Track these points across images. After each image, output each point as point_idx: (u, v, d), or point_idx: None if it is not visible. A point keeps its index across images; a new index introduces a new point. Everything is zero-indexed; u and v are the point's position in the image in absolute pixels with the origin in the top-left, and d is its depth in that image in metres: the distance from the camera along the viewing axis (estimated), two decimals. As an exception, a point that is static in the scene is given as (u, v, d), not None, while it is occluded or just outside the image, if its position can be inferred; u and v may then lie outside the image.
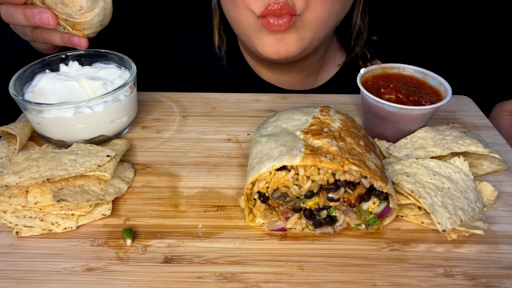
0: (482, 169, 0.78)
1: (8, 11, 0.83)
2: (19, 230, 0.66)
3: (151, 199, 0.73)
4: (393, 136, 0.83)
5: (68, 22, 0.83)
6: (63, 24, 0.83)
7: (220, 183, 0.77)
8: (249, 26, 0.97)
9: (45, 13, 0.81)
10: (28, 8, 0.82)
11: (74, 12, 0.82)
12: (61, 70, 0.89)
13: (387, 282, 0.60)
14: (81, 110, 0.78)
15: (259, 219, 0.68)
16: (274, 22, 0.91)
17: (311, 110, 0.75)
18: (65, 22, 0.83)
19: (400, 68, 0.90)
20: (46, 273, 0.60)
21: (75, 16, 0.83)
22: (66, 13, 0.82)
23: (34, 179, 0.67)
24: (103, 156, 0.74)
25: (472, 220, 0.66)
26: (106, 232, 0.67)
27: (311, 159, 0.60)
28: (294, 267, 0.62)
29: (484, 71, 1.36)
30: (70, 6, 0.82)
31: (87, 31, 0.85)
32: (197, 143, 0.87)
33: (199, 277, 0.60)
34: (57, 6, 0.82)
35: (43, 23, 0.82)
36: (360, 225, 0.67)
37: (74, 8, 0.82)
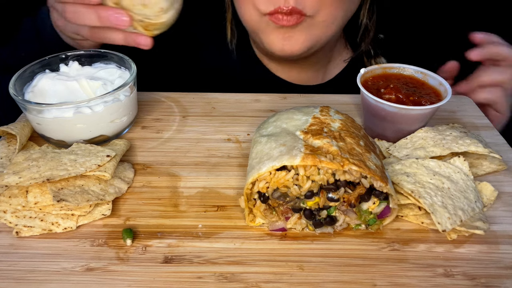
0: (482, 169, 0.78)
1: (77, 11, 0.82)
2: (19, 230, 0.66)
3: (151, 199, 0.73)
4: (393, 136, 0.83)
5: (142, 23, 0.83)
6: (135, 25, 0.83)
7: (220, 183, 0.77)
8: (255, 22, 1.00)
9: (122, 14, 0.81)
10: (102, 9, 0.81)
11: (153, 14, 0.82)
12: (61, 70, 0.89)
13: (387, 282, 0.60)
14: (81, 110, 0.78)
15: (259, 219, 0.68)
16: (283, 18, 0.94)
17: (311, 110, 0.75)
18: (139, 23, 0.83)
19: (400, 68, 0.90)
20: (46, 273, 0.60)
21: (152, 17, 0.82)
22: (143, 15, 0.82)
23: (34, 179, 0.67)
24: (103, 156, 0.74)
25: (472, 220, 0.66)
26: (106, 232, 0.67)
27: (311, 159, 0.60)
28: (294, 267, 0.62)
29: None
30: (150, 8, 0.81)
31: (156, 31, 0.85)
32: (197, 143, 0.87)
33: (199, 277, 0.60)
34: (135, 7, 0.81)
35: (118, 24, 0.81)
36: (360, 225, 0.67)
37: (154, 10, 0.81)
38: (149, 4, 0.81)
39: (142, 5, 0.80)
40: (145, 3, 0.80)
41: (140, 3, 0.80)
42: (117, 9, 0.81)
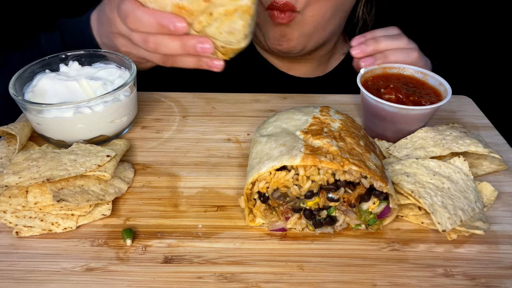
0: (482, 169, 0.78)
1: (161, 42, 0.81)
2: (19, 230, 0.66)
3: (151, 199, 0.73)
4: (393, 136, 0.83)
5: (223, 48, 0.83)
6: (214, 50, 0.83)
7: (220, 183, 0.77)
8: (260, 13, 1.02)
9: (206, 42, 0.80)
10: (187, 38, 0.80)
11: (236, 40, 0.82)
12: (61, 70, 0.89)
13: (387, 282, 0.60)
14: (81, 110, 0.78)
15: (259, 219, 0.68)
16: (277, 15, 1.01)
17: (311, 110, 0.75)
18: (219, 49, 0.83)
19: (400, 68, 0.90)
20: (46, 273, 0.60)
21: (234, 43, 0.82)
22: (226, 41, 0.82)
23: (34, 179, 0.67)
24: (103, 156, 0.74)
25: (472, 220, 0.66)
26: (106, 232, 0.67)
27: (311, 159, 0.60)
28: (294, 267, 0.62)
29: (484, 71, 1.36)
30: (235, 35, 0.81)
31: (232, 55, 0.86)
32: (197, 143, 0.87)
33: (199, 277, 0.60)
34: (221, 35, 0.80)
35: (203, 52, 0.81)
36: (360, 225, 0.67)
37: (238, 37, 0.81)
38: (235, 32, 0.80)
39: (228, 33, 0.80)
40: (231, 31, 0.80)
41: (226, 31, 0.80)
42: (201, 37, 0.81)
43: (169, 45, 0.81)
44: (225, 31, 0.80)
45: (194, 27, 0.81)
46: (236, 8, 0.77)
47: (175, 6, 0.77)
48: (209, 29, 0.80)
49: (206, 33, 0.81)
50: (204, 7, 0.77)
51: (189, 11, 0.77)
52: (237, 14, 0.78)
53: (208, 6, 0.76)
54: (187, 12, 0.78)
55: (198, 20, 0.79)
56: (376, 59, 0.91)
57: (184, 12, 0.78)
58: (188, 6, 0.77)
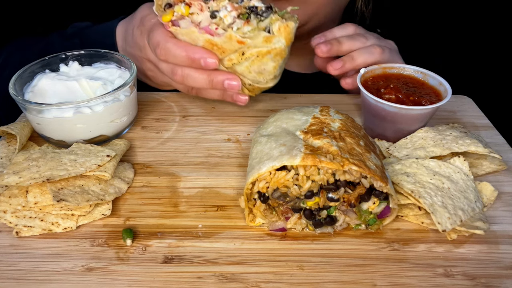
0: (482, 169, 0.78)
1: (189, 75, 0.82)
2: (19, 230, 0.66)
3: (151, 199, 0.73)
4: (393, 136, 0.83)
5: (250, 86, 0.84)
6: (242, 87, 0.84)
7: (220, 183, 0.77)
8: None
9: (235, 79, 0.81)
10: (216, 73, 0.81)
11: (264, 80, 0.83)
12: (61, 70, 0.89)
13: (387, 282, 0.60)
14: (81, 110, 0.78)
15: (259, 219, 0.68)
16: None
17: (311, 110, 0.75)
18: (246, 86, 0.85)
19: (400, 68, 0.90)
20: (46, 273, 0.60)
21: (261, 83, 0.84)
22: (255, 80, 0.83)
23: (34, 179, 0.67)
24: (103, 156, 0.74)
25: (472, 220, 0.66)
26: (106, 232, 0.67)
27: (311, 159, 0.60)
28: (294, 267, 0.62)
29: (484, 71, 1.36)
30: (265, 75, 0.82)
31: (258, 93, 0.87)
32: (197, 143, 0.87)
33: (199, 277, 0.60)
34: (251, 74, 0.82)
35: (230, 89, 0.82)
36: (360, 225, 0.67)
37: (267, 77, 0.83)
38: (265, 73, 0.82)
39: (257, 73, 0.82)
40: (261, 71, 0.81)
41: (256, 71, 0.81)
42: (229, 73, 0.82)
43: (196, 78, 0.82)
44: (255, 71, 0.81)
45: (223, 63, 0.81)
46: (270, 51, 0.78)
47: (207, 42, 0.78)
48: (238, 67, 0.81)
49: (235, 70, 0.82)
50: (237, 47, 0.77)
51: (221, 48, 0.78)
52: (270, 56, 0.79)
53: (241, 47, 0.76)
54: (218, 49, 0.78)
55: (228, 58, 0.79)
56: (345, 62, 0.92)
57: (215, 49, 0.78)
58: (221, 44, 0.77)
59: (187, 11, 0.79)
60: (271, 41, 0.76)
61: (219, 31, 0.76)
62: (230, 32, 0.75)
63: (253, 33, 0.76)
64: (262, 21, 0.77)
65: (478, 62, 1.34)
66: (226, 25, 0.77)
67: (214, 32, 0.77)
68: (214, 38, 0.77)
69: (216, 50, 0.79)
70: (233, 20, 0.76)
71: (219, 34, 0.76)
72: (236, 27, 0.76)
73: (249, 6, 0.78)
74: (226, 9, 0.77)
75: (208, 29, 0.77)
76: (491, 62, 1.37)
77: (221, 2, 0.78)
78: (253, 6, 0.78)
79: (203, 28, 0.77)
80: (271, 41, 0.76)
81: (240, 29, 0.76)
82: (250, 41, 0.75)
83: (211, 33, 0.77)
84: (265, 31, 0.77)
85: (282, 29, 0.76)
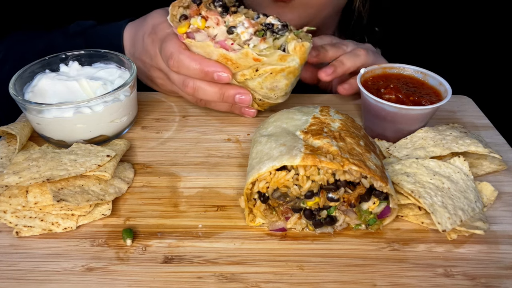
0: (482, 169, 0.78)
1: (200, 88, 0.82)
2: (19, 230, 0.66)
3: (151, 199, 0.73)
4: (393, 136, 0.83)
5: (260, 101, 0.85)
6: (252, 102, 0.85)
7: (220, 183, 0.77)
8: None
9: (246, 94, 0.82)
10: (227, 88, 0.82)
11: (275, 96, 0.84)
12: (61, 70, 0.89)
13: (387, 282, 0.60)
14: (81, 110, 0.78)
15: (259, 219, 0.68)
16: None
17: (311, 110, 0.75)
18: (257, 101, 0.85)
19: (400, 68, 0.90)
20: (46, 273, 0.60)
21: (272, 99, 0.85)
22: (266, 96, 0.84)
23: (34, 179, 0.67)
24: (103, 156, 0.74)
25: (472, 220, 0.66)
26: (106, 232, 0.67)
27: (311, 159, 0.60)
28: (294, 267, 0.62)
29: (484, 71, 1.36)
30: (276, 92, 0.83)
31: (267, 108, 0.88)
32: (197, 143, 0.87)
33: (199, 277, 0.60)
34: (262, 90, 0.83)
35: (241, 104, 0.84)
36: (360, 225, 0.67)
37: (279, 94, 0.84)
38: (276, 90, 0.83)
39: (269, 89, 0.83)
40: (273, 88, 0.82)
41: (268, 87, 0.82)
42: (240, 88, 0.82)
43: (207, 91, 0.82)
44: (267, 87, 0.82)
45: (236, 78, 0.82)
46: (283, 69, 0.79)
47: (221, 56, 0.78)
48: (251, 83, 0.82)
49: (247, 85, 0.82)
50: (252, 64, 0.78)
51: (236, 63, 0.78)
52: (283, 74, 0.80)
53: (256, 63, 0.77)
54: (233, 64, 0.79)
55: (242, 73, 0.80)
56: (336, 67, 0.93)
57: (229, 63, 0.79)
58: (236, 60, 0.78)
59: (203, 24, 0.79)
60: (286, 59, 0.78)
61: (235, 47, 0.77)
62: (247, 49, 0.76)
63: (269, 51, 0.77)
64: (277, 38, 0.79)
65: (478, 62, 1.34)
66: (242, 41, 0.78)
67: (229, 47, 0.78)
68: (229, 53, 0.77)
69: (230, 65, 0.79)
70: (250, 37, 0.77)
71: (235, 49, 0.77)
72: (253, 44, 0.77)
73: (265, 23, 0.80)
74: (243, 25, 0.78)
75: (224, 44, 0.78)
76: (491, 62, 1.37)
77: (237, 18, 0.79)
78: (269, 24, 0.79)
79: (219, 42, 0.78)
80: (286, 59, 0.78)
81: (257, 46, 0.77)
82: (266, 59, 0.77)
83: (226, 47, 0.78)
84: (280, 49, 0.78)
85: (297, 49, 0.77)
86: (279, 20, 0.81)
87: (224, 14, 0.80)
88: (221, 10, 0.80)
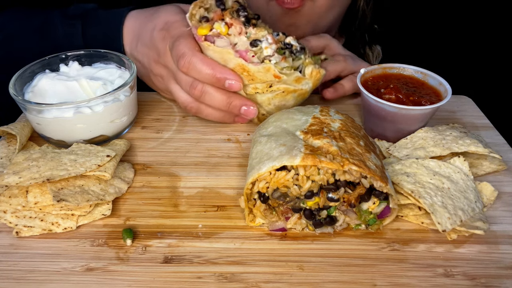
0: (482, 169, 0.78)
1: (208, 92, 0.81)
2: (19, 230, 0.66)
3: (151, 199, 0.73)
4: (393, 136, 0.83)
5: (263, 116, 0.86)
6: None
7: (220, 183, 0.77)
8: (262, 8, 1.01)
9: (253, 106, 0.82)
10: (235, 97, 0.82)
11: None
12: (61, 70, 0.89)
13: (387, 282, 0.60)
14: (81, 110, 0.78)
15: (259, 219, 0.68)
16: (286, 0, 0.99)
17: (311, 110, 0.75)
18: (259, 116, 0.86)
19: (400, 68, 0.90)
20: (46, 273, 0.60)
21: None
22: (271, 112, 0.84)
23: (34, 179, 0.67)
24: (103, 156, 0.74)
25: (472, 220, 0.66)
26: (106, 232, 0.67)
27: (311, 159, 0.60)
28: (294, 267, 0.62)
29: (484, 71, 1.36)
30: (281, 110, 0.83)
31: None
32: (197, 143, 0.87)
33: (199, 277, 0.60)
34: (270, 106, 0.84)
35: (245, 116, 0.84)
36: (360, 225, 0.67)
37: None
38: (283, 108, 0.83)
39: (276, 106, 0.84)
40: (280, 106, 0.84)
41: (276, 104, 0.84)
42: (248, 100, 0.83)
43: (215, 97, 0.81)
44: (275, 104, 0.84)
45: (246, 89, 0.82)
46: (296, 90, 0.81)
47: (239, 66, 0.78)
48: (260, 97, 0.83)
49: (256, 98, 0.83)
50: (269, 80, 0.78)
51: (252, 76, 0.79)
52: (294, 94, 0.82)
53: (273, 80, 0.78)
54: (249, 75, 0.79)
55: (254, 86, 0.81)
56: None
57: (245, 74, 0.79)
58: (254, 72, 0.78)
59: (226, 31, 0.80)
60: (300, 82, 0.80)
61: (254, 60, 0.78)
62: (269, 64, 0.77)
63: (289, 71, 0.79)
64: (295, 60, 0.81)
65: (478, 62, 1.34)
66: (263, 56, 0.78)
67: (249, 59, 0.78)
68: (248, 65, 0.78)
69: (246, 76, 0.79)
70: (272, 53, 0.78)
71: (254, 62, 0.78)
72: (275, 60, 0.78)
73: (285, 42, 0.81)
74: (267, 40, 0.79)
75: (244, 55, 0.78)
76: (491, 62, 1.37)
77: (260, 32, 0.80)
78: (288, 43, 0.81)
79: (239, 52, 0.78)
80: (300, 82, 0.80)
81: (278, 64, 0.78)
82: (286, 77, 0.78)
83: (246, 59, 0.78)
84: (297, 70, 0.80)
85: (314, 74, 0.80)
86: (297, 41, 0.83)
87: (247, 25, 0.80)
88: (244, 20, 0.81)
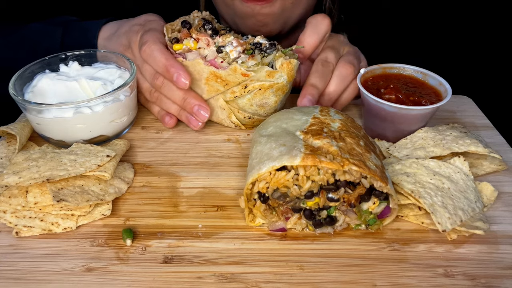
0: (482, 169, 0.78)
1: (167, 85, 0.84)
2: (19, 230, 0.66)
3: (151, 199, 0.73)
4: (393, 136, 0.83)
5: (250, 119, 0.87)
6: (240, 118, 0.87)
7: (220, 183, 0.77)
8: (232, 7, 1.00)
9: (206, 111, 0.84)
10: (192, 94, 0.84)
11: (264, 113, 0.86)
12: (61, 70, 0.89)
13: (387, 282, 0.60)
14: (81, 110, 0.78)
15: (259, 219, 0.68)
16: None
17: (311, 110, 0.75)
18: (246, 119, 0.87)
19: (400, 68, 0.90)
20: (46, 273, 0.60)
21: (262, 116, 0.87)
22: (256, 113, 0.86)
23: (34, 179, 0.67)
24: (103, 156, 0.74)
25: (472, 220, 0.66)
26: (106, 232, 0.67)
27: (311, 159, 0.60)
28: (294, 267, 0.62)
29: (484, 71, 1.36)
30: (265, 109, 0.85)
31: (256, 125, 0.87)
32: (197, 143, 0.87)
33: (199, 277, 0.60)
34: (252, 107, 0.85)
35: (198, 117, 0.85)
36: (360, 225, 0.67)
37: (268, 111, 0.86)
38: (266, 106, 0.85)
39: (258, 106, 0.84)
40: (262, 104, 0.84)
41: (258, 104, 0.84)
42: (204, 103, 0.84)
43: (173, 92, 0.84)
44: (257, 104, 0.84)
45: (225, 97, 0.84)
46: (272, 85, 0.81)
47: (211, 74, 0.81)
48: (240, 101, 0.84)
49: (237, 103, 0.84)
50: (241, 80, 0.79)
51: (225, 81, 0.81)
52: (272, 90, 0.82)
53: (245, 79, 0.79)
54: (222, 81, 0.81)
55: (231, 90, 0.82)
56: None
57: (219, 81, 0.81)
58: (225, 77, 0.80)
59: (195, 45, 0.83)
60: (273, 76, 0.80)
61: (224, 65, 0.80)
62: (235, 64, 0.78)
63: (257, 67, 0.79)
64: (265, 56, 0.81)
65: (478, 62, 1.34)
66: (231, 60, 0.80)
67: (219, 65, 0.80)
68: (218, 71, 0.80)
69: (220, 83, 0.81)
70: (238, 55, 0.80)
71: (224, 67, 0.80)
72: (241, 60, 0.80)
73: (254, 42, 0.83)
74: (232, 44, 0.81)
75: (214, 62, 0.81)
76: (491, 62, 1.37)
77: (227, 38, 0.82)
78: (257, 43, 0.83)
79: (209, 61, 0.81)
80: (273, 76, 0.80)
81: (245, 63, 0.79)
82: (254, 74, 0.79)
83: (216, 66, 0.80)
84: (268, 66, 0.80)
85: (284, 65, 0.80)
86: (267, 39, 0.84)
87: (214, 36, 0.84)
88: (211, 32, 0.85)
